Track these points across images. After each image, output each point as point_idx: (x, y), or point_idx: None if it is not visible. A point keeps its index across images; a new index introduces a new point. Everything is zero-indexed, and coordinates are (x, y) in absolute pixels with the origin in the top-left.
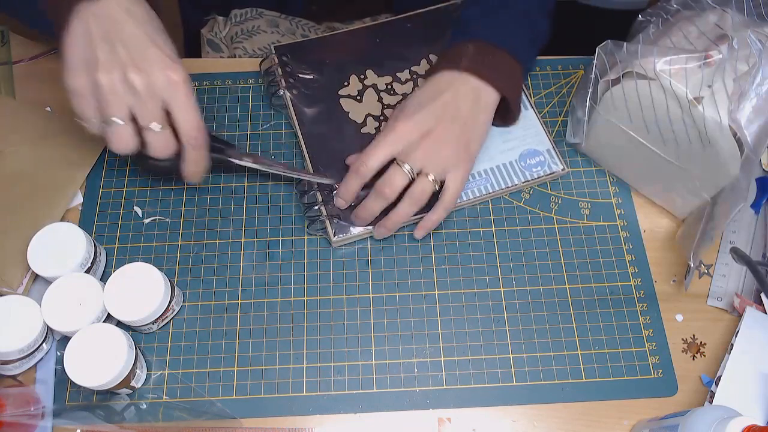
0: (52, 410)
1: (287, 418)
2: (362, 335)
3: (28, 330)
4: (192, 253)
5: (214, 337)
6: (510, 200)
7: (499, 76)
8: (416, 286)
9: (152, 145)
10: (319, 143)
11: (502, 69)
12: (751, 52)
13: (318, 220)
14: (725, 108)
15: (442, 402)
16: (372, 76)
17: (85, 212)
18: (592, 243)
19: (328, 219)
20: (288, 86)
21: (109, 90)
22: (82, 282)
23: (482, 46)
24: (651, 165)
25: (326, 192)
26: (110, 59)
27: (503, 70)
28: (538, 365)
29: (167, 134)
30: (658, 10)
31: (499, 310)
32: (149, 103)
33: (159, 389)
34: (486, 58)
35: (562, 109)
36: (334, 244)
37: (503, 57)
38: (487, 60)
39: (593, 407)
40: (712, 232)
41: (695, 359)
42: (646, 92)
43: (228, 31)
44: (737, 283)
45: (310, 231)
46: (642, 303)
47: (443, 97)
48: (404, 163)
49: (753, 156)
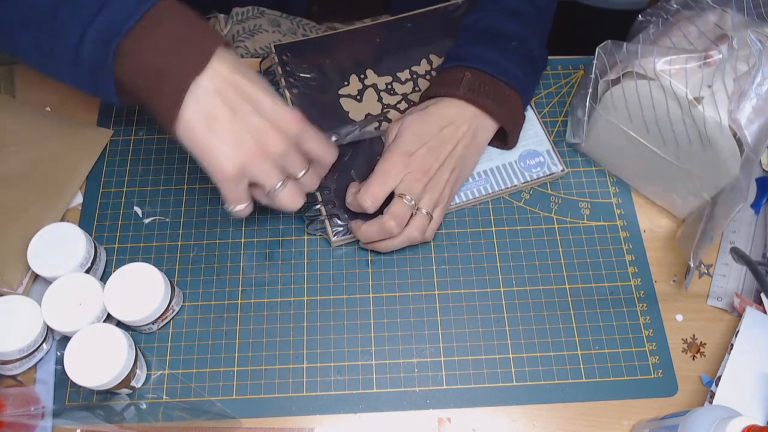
0: (52, 410)
1: (287, 418)
2: (362, 335)
3: (28, 330)
4: (192, 253)
5: (214, 337)
6: (510, 200)
7: (498, 107)
8: (416, 286)
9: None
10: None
11: (501, 100)
12: (751, 52)
13: (317, 220)
14: (725, 108)
15: (442, 402)
16: (372, 75)
17: (85, 212)
18: (592, 243)
19: (328, 219)
20: (288, 85)
21: (261, 169)
22: (82, 282)
23: (480, 74)
24: (651, 165)
25: (325, 193)
26: (245, 135)
27: (502, 102)
28: (538, 365)
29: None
30: (658, 10)
31: (499, 310)
32: (295, 157)
33: (159, 389)
34: (485, 88)
35: (562, 109)
36: (333, 244)
37: (502, 88)
38: (486, 90)
39: (593, 407)
40: (712, 232)
41: (695, 359)
42: (646, 92)
43: (229, 30)
44: (737, 283)
45: (310, 231)
46: (642, 303)
47: (443, 134)
48: (405, 196)
49: (753, 156)
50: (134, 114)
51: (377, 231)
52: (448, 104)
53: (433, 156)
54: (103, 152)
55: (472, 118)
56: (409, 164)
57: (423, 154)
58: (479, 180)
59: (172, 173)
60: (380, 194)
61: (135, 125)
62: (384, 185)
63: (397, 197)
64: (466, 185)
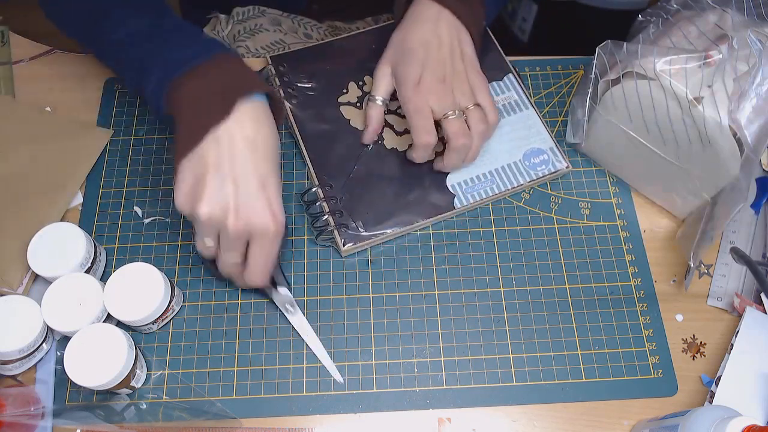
0: (52, 410)
1: (287, 418)
2: (362, 335)
3: (28, 330)
4: (192, 253)
5: (214, 337)
6: (510, 200)
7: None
8: (416, 286)
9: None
10: (321, 152)
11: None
12: (751, 52)
13: (326, 230)
14: (725, 108)
15: (442, 402)
16: (370, 82)
17: (85, 212)
18: (592, 243)
19: (336, 229)
20: (287, 96)
21: (206, 221)
22: (82, 282)
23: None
24: (651, 165)
25: (332, 202)
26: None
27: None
28: (538, 365)
29: (239, 265)
30: (658, 10)
31: (499, 310)
32: (235, 242)
33: (159, 389)
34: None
35: (562, 109)
36: (344, 254)
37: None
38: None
39: (593, 407)
40: (712, 232)
41: (695, 359)
42: (646, 92)
43: (230, 30)
44: (737, 283)
45: (319, 242)
46: (642, 303)
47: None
48: (446, 113)
49: (753, 156)
50: (134, 114)
51: (456, 156)
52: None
53: (435, 65)
54: (103, 152)
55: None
56: (424, 89)
57: (427, 71)
58: (485, 181)
59: (172, 173)
60: (429, 129)
61: (135, 125)
62: (425, 121)
63: (443, 120)
64: (473, 187)
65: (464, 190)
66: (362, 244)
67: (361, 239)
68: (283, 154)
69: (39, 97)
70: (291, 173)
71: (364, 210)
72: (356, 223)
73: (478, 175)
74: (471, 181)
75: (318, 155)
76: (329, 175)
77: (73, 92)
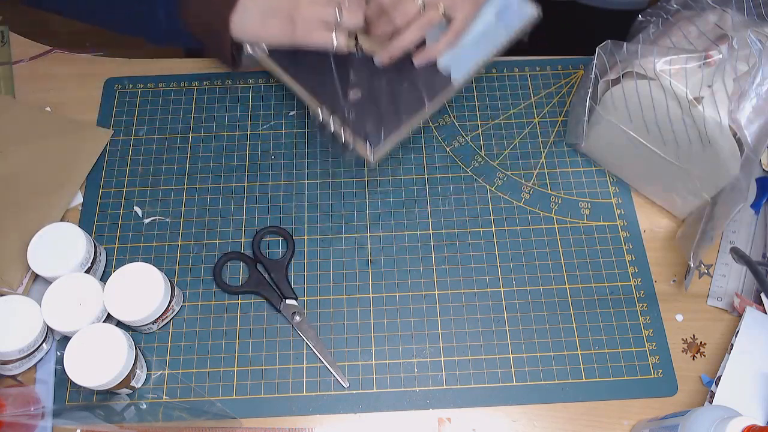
0: (52, 410)
1: (287, 418)
2: (362, 335)
3: (28, 330)
4: (192, 253)
5: (214, 337)
6: (510, 200)
7: None
8: (416, 286)
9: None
10: (311, 77)
11: None
12: (751, 52)
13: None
14: (725, 108)
15: (442, 402)
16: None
17: (85, 212)
18: (592, 243)
19: (358, 136)
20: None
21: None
22: (82, 282)
23: None
24: (651, 165)
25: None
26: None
27: None
28: (538, 365)
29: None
30: (658, 10)
31: (499, 310)
32: None
33: (159, 389)
34: None
35: (562, 109)
36: (374, 160)
37: None
38: None
39: (593, 407)
40: (712, 232)
41: (695, 359)
42: (646, 92)
43: None
44: (737, 283)
45: (347, 157)
46: (642, 303)
47: None
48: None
49: (753, 156)
50: (134, 114)
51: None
52: None
53: None
54: (103, 152)
55: None
56: None
57: None
58: (470, 52)
59: (172, 173)
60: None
61: (135, 125)
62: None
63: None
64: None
65: (455, 65)
66: (388, 144)
67: (384, 140)
68: (281, 144)
69: (39, 97)
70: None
71: (374, 111)
72: (374, 126)
73: (461, 51)
74: (457, 55)
75: (309, 82)
76: (327, 94)
77: (73, 92)
